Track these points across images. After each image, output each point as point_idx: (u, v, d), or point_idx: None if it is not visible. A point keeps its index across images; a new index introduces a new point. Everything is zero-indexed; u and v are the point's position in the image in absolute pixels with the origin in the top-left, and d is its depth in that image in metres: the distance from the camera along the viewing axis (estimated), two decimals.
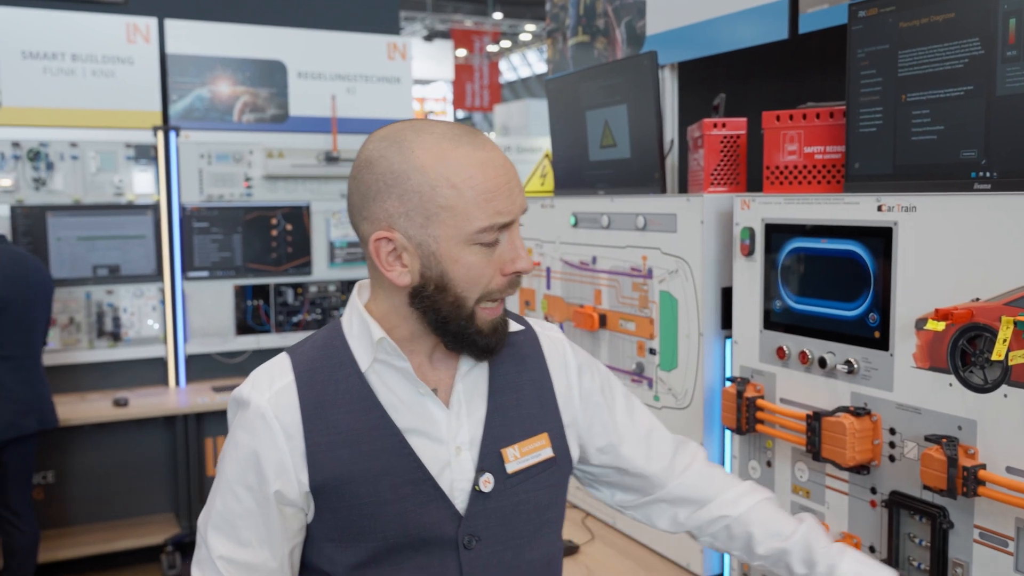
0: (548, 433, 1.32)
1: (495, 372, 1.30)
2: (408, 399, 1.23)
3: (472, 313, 1.18)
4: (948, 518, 1.50)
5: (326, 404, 1.20)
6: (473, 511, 1.23)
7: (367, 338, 1.22)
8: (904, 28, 1.60)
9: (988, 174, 1.49)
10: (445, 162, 1.14)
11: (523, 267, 1.18)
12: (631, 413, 1.46)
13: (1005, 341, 1.37)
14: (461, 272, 1.16)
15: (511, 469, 1.26)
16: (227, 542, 1.21)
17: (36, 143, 4.09)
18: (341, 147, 4.62)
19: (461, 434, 1.25)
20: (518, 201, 1.18)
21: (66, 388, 4.24)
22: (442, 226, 1.15)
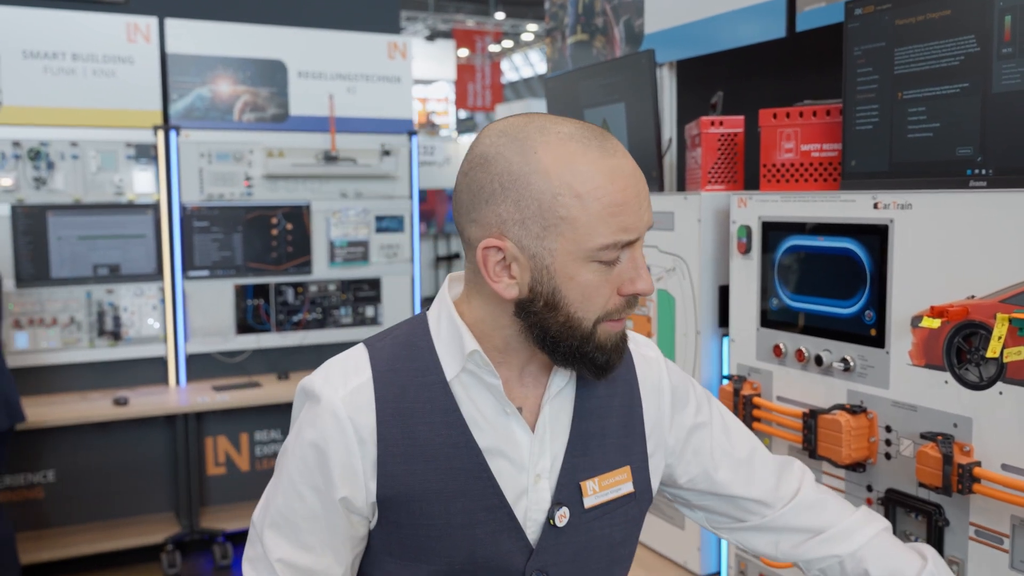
0: (631, 466, 1.21)
1: (583, 395, 1.18)
2: (492, 417, 1.12)
3: (591, 332, 1.07)
4: (944, 515, 1.50)
5: (404, 411, 1.10)
6: (545, 545, 1.14)
7: (457, 346, 1.11)
8: (900, 25, 1.60)
9: (984, 171, 1.49)
10: (571, 167, 1.02)
11: (643, 288, 1.06)
12: (728, 434, 1.31)
13: (1000, 338, 1.37)
14: (575, 290, 1.05)
15: (589, 504, 1.16)
16: (287, 544, 1.12)
17: (36, 142, 4.09)
18: (340, 146, 4.62)
19: (543, 461, 1.14)
20: (645, 217, 1.05)
21: (66, 387, 4.24)
22: (560, 239, 1.03)
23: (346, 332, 4.73)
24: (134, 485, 4.35)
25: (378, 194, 4.77)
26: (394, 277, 4.83)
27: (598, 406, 1.19)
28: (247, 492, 4.55)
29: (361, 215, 4.73)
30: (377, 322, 4.81)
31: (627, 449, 1.21)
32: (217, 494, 4.51)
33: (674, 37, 2.67)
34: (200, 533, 4.22)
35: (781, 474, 1.31)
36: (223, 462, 4.53)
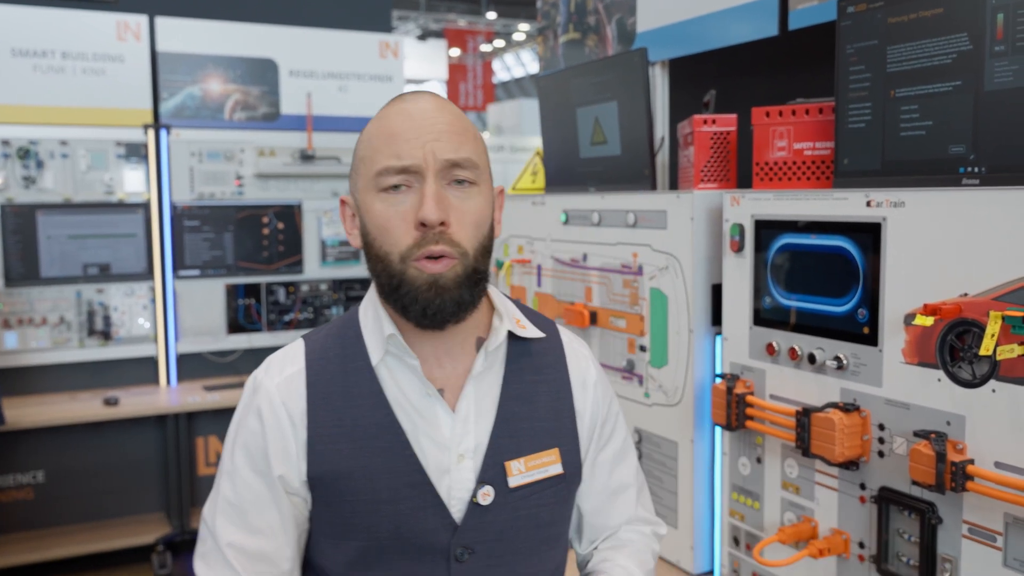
0: (560, 448, 1.26)
1: (510, 379, 1.25)
2: (416, 399, 1.20)
3: (401, 272, 1.13)
4: (937, 513, 1.50)
5: (333, 395, 1.19)
6: (469, 523, 1.19)
7: (379, 331, 1.20)
8: (892, 24, 1.60)
9: (976, 169, 1.49)
10: (375, 120, 1.18)
11: (423, 214, 1.10)
12: (616, 461, 1.39)
13: (993, 336, 1.37)
14: (373, 223, 1.15)
15: (514, 483, 1.21)
16: (236, 530, 1.18)
17: (26, 141, 4.07)
18: (329, 145, 4.60)
19: (466, 441, 1.20)
20: (429, 148, 1.12)
21: (56, 387, 4.22)
22: (360, 177, 1.17)
23: None
24: (124, 485, 4.33)
25: None
26: None
27: (525, 391, 1.25)
28: None
29: None
30: None
31: (555, 432, 1.26)
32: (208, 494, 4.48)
33: (666, 36, 2.66)
34: (191, 534, 4.20)
35: (625, 526, 1.42)
36: (214, 462, 4.51)
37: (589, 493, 1.36)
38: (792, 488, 1.81)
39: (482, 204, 1.17)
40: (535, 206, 2.66)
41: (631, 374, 2.25)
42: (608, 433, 1.37)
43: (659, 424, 2.17)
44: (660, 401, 2.16)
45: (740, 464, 1.95)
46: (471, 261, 1.15)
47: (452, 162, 1.13)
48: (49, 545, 3.99)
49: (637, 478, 1.42)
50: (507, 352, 1.27)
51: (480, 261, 1.17)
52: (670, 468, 2.14)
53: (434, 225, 1.11)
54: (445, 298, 1.13)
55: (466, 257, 1.14)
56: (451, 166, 1.13)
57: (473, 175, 1.16)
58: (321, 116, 4.63)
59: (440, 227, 1.11)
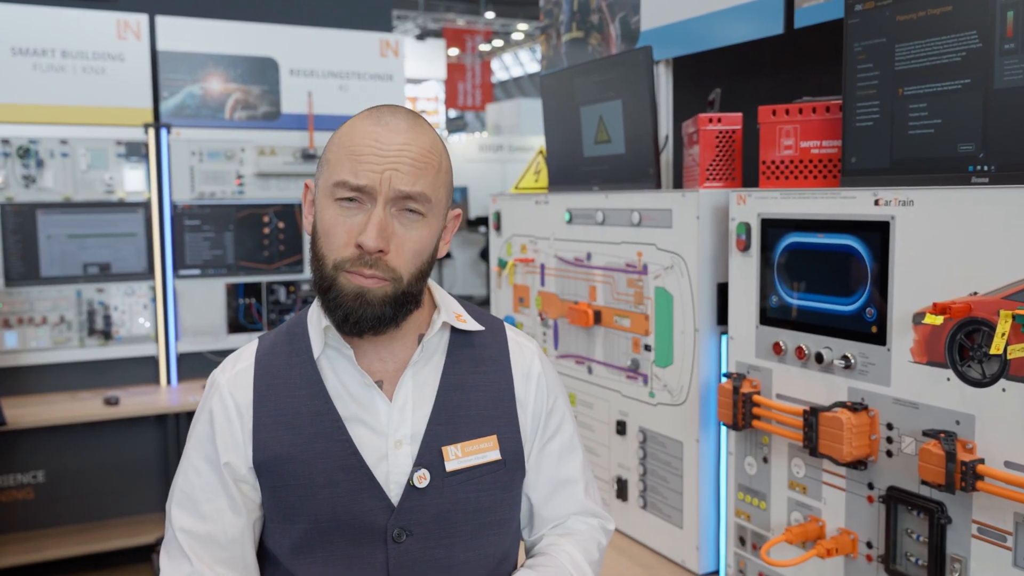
0: (498, 436, 1.32)
1: (449, 370, 1.32)
2: (354, 388, 1.28)
3: (333, 277, 1.20)
4: (946, 513, 1.50)
5: (278, 386, 1.28)
6: (406, 505, 1.25)
7: (319, 325, 1.28)
8: (901, 21, 1.60)
9: (986, 168, 1.48)
10: (348, 126, 1.24)
11: (363, 241, 1.17)
12: (564, 454, 1.43)
13: (1003, 335, 1.36)
14: (322, 224, 1.22)
15: (450, 468, 1.27)
16: (188, 516, 1.26)
17: (26, 140, 4.06)
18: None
19: (402, 428, 1.27)
20: (387, 176, 1.18)
21: (56, 387, 4.21)
22: (322, 176, 1.24)
23: None
24: (125, 485, 4.32)
25: None
26: None
27: (464, 381, 1.32)
28: None
29: None
30: None
31: (495, 420, 1.32)
32: None
33: (670, 34, 2.66)
34: None
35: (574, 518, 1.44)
36: None
37: (536, 484, 1.41)
38: (799, 488, 1.81)
39: (425, 235, 1.23)
40: (538, 205, 2.66)
41: (636, 373, 2.24)
42: (555, 426, 1.42)
43: (664, 424, 2.16)
44: (665, 401, 2.15)
45: (746, 464, 1.95)
46: (402, 286, 1.22)
47: (404, 194, 1.19)
48: (49, 545, 3.98)
49: (584, 474, 1.46)
50: (448, 344, 1.34)
51: (413, 285, 1.24)
52: (675, 468, 2.14)
53: (371, 252, 1.18)
54: (367, 311, 1.20)
55: (398, 282, 1.21)
56: (403, 197, 1.19)
57: (424, 208, 1.22)
58: (322, 115, 4.62)
59: (378, 253, 1.18)
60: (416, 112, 1.28)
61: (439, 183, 1.25)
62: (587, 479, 1.47)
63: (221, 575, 1.25)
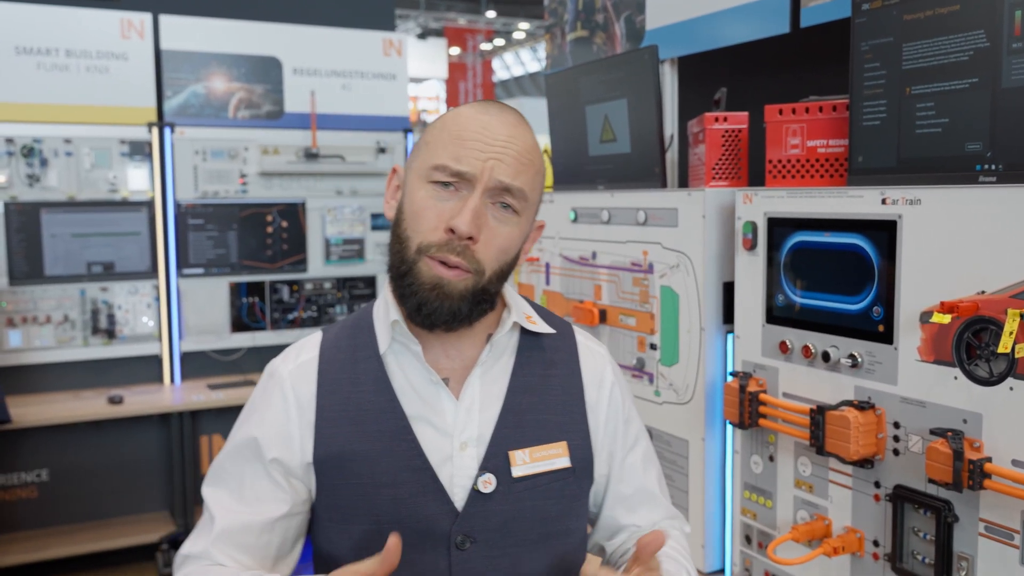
0: (568, 442, 1.26)
1: (519, 372, 1.27)
2: (420, 386, 1.23)
3: (414, 261, 1.16)
4: (953, 512, 1.50)
5: (343, 381, 1.23)
6: (471, 511, 1.20)
7: (387, 320, 1.23)
8: (908, 21, 1.60)
9: (993, 167, 1.48)
10: (454, 113, 1.20)
11: (456, 224, 1.12)
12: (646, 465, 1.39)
13: (1011, 334, 1.36)
14: (410, 206, 1.18)
15: (517, 473, 1.21)
16: (222, 495, 1.23)
17: (30, 139, 4.06)
18: (334, 144, 4.60)
19: (469, 429, 1.22)
20: (489, 164, 1.15)
21: (60, 386, 4.21)
22: (418, 159, 1.20)
23: None
24: (128, 484, 4.33)
25: (374, 191, 4.75)
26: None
27: (534, 383, 1.27)
28: None
29: (356, 212, 4.71)
30: None
31: (565, 426, 1.27)
32: None
33: (676, 33, 2.66)
34: None
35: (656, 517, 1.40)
36: None
37: (623, 494, 1.36)
38: (805, 486, 1.81)
39: (515, 233, 1.20)
40: (543, 204, 2.66)
41: (641, 372, 2.25)
42: (634, 436, 1.38)
43: (670, 422, 2.17)
44: (671, 399, 2.16)
45: (752, 462, 1.95)
46: (483, 280, 1.17)
47: (504, 186, 1.15)
48: (53, 544, 3.99)
49: (661, 482, 1.43)
50: (518, 345, 1.29)
51: (493, 283, 1.19)
52: (681, 466, 2.14)
53: (462, 237, 1.13)
54: (443, 304, 1.15)
55: (480, 275, 1.17)
56: (502, 189, 1.16)
57: (518, 205, 1.18)
58: (325, 114, 4.63)
59: (467, 241, 1.14)
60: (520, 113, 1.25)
61: (536, 185, 1.22)
62: (662, 486, 1.43)
63: (237, 560, 1.20)
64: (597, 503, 1.40)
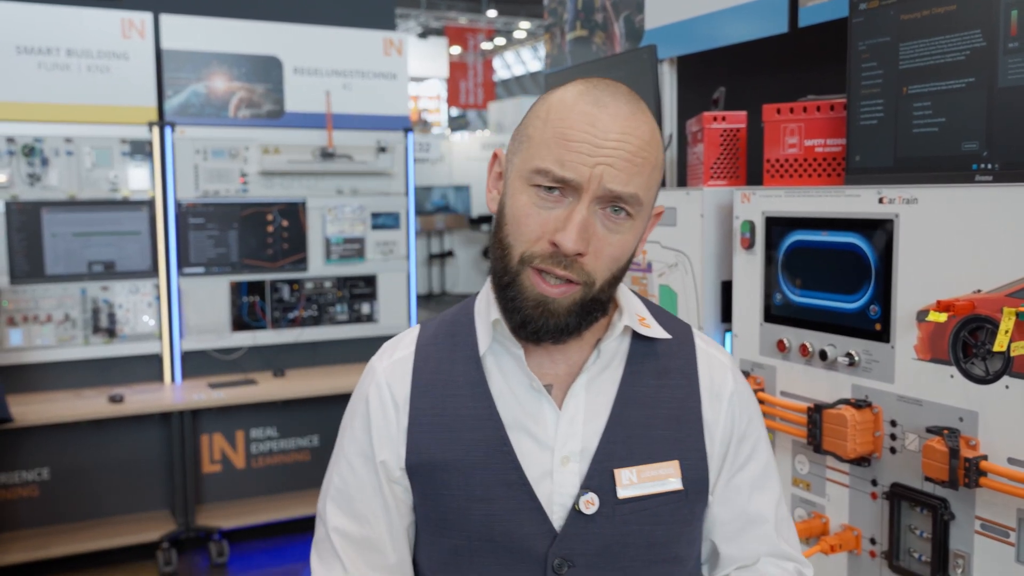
0: (680, 462, 1.12)
1: (628, 381, 1.13)
2: (520, 392, 1.12)
3: (517, 272, 1.05)
4: (949, 509, 1.51)
5: (438, 383, 1.14)
6: (570, 532, 1.08)
7: (488, 318, 1.13)
8: (905, 20, 1.61)
9: (989, 166, 1.49)
10: (559, 101, 1.06)
11: (561, 239, 1.00)
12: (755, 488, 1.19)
13: (1007, 332, 1.37)
14: (512, 210, 1.06)
15: (623, 494, 1.09)
16: (343, 516, 1.15)
17: (31, 138, 4.07)
18: (335, 143, 4.61)
19: (571, 442, 1.10)
20: (598, 172, 1.01)
21: (61, 385, 4.22)
22: (520, 155, 1.07)
23: (342, 329, 4.72)
24: (129, 483, 4.33)
25: (374, 191, 4.76)
26: (390, 274, 4.83)
27: (646, 394, 1.13)
28: (243, 490, 4.54)
29: (357, 212, 4.72)
30: (373, 319, 4.79)
31: (677, 444, 1.13)
32: (213, 492, 4.50)
33: (675, 33, 2.66)
34: (196, 531, 4.20)
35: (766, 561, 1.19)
36: (219, 460, 4.51)
37: (722, 519, 1.18)
38: (803, 484, 1.82)
39: (628, 240, 1.07)
40: None
41: None
42: (747, 455, 1.19)
43: None
44: None
45: None
46: (594, 291, 1.06)
47: (615, 195, 1.02)
48: (54, 542, 3.99)
49: (778, 511, 1.21)
50: (629, 352, 1.16)
51: (604, 292, 1.07)
52: None
53: (569, 254, 1.02)
54: (549, 321, 1.05)
55: (590, 288, 1.05)
56: (613, 198, 1.03)
57: (632, 210, 1.05)
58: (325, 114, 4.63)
59: (575, 256, 1.03)
60: (635, 94, 1.09)
61: (652, 183, 1.07)
62: (780, 516, 1.22)
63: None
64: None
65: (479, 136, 13.69)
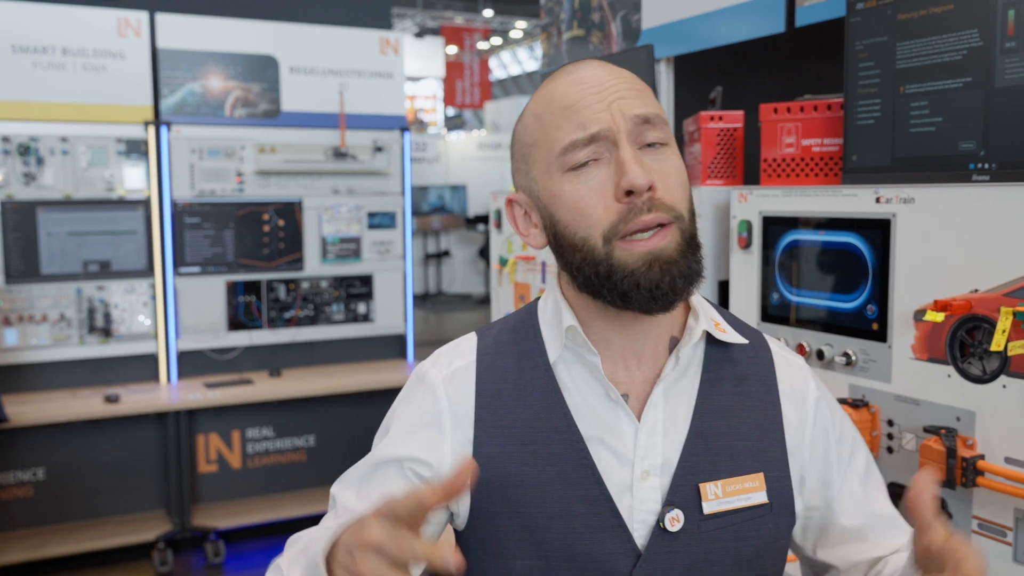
0: (765, 474, 1.06)
1: (707, 389, 1.07)
2: (595, 403, 1.05)
3: (608, 254, 0.98)
4: (946, 509, 1.51)
5: (505, 393, 1.07)
6: (655, 551, 1.01)
7: (559, 324, 1.06)
8: (902, 20, 1.61)
9: (987, 165, 1.49)
10: (536, 98, 1.04)
11: (631, 180, 0.95)
12: (867, 484, 1.14)
13: (1004, 332, 1.37)
14: (564, 210, 1.00)
15: (708, 510, 1.02)
16: (353, 497, 1.07)
17: (26, 137, 4.06)
18: (330, 142, 4.60)
19: (652, 455, 1.03)
20: (616, 108, 0.98)
21: (56, 384, 4.21)
22: (536, 165, 1.03)
23: (338, 329, 4.72)
24: (125, 483, 4.33)
25: (370, 190, 4.75)
26: (386, 273, 4.82)
27: (725, 403, 1.07)
28: (239, 490, 4.54)
29: (353, 211, 4.71)
30: (369, 319, 4.79)
31: (761, 455, 1.06)
32: (209, 492, 4.49)
33: (672, 33, 2.66)
34: (192, 531, 4.20)
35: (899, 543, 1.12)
36: (215, 459, 4.51)
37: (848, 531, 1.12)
38: None
39: (679, 165, 1.02)
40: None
41: None
42: (848, 450, 1.13)
43: None
44: None
45: None
46: (688, 225, 1.00)
47: (643, 118, 0.98)
48: (50, 542, 3.99)
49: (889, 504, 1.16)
50: (704, 358, 1.09)
51: (694, 226, 1.02)
52: None
53: (642, 191, 0.95)
54: (673, 272, 0.97)
55: (682, 220, 0.99)
56: (642, 122, 0.98)
57: (664, 134, 1.01)
58: (323, 113, 4.63)
59: (649, 192, 0.96)
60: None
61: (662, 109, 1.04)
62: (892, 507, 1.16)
63: None
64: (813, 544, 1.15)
65: (475, 136, 13.70)
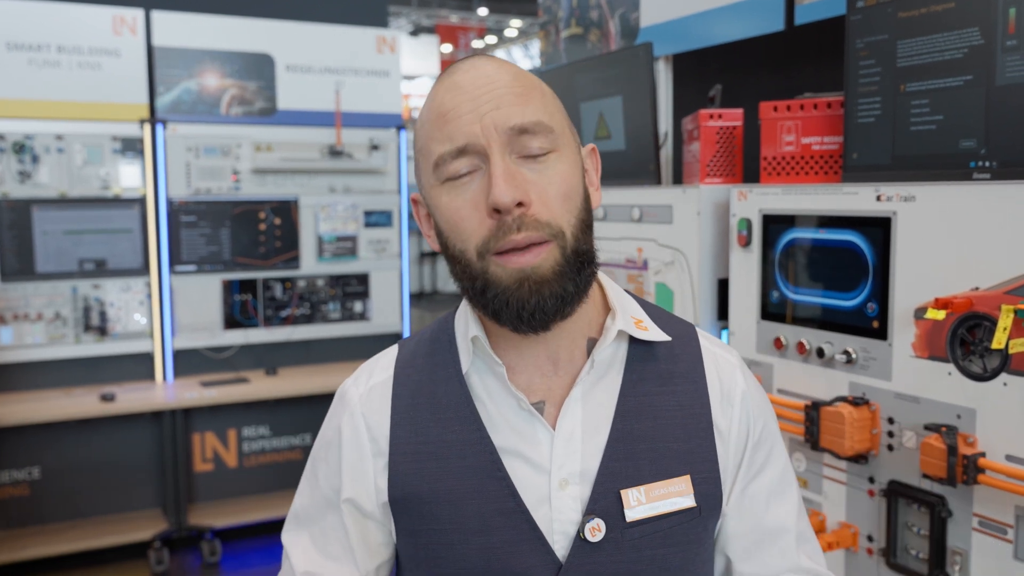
0: (692, 475, 1.01)
1: (628, 391, 1.02)
2: (509, 413, 1.01)
3: (484, 271, 0.94)
4: (947, 507, 1.51)
5: (420, 407, 1.03)
6: (576, 562, 0.97)
7: (467, 334, 1.03)
8: (903, 18, 1.61)
9: (987, 163, 1.49)
10: (426, 102, 1.00)
11: (494, 198, 0.90)
12: (773, 496, 1.08)
13: (1005, 329, 1.37)
14: (444, 220, 0.97)
15: (632, 517, 0.98)
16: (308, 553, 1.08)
17: (21, 136, 4.04)
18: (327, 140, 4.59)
19: (569, 464, 0.99)
20: (488, 120, 0.93)
21: (52, 383, 4.19)
22: (423, 172, 1.00)
23: (334, 327, 4.71)
24: (121, 482, 4.31)
25: (367, 189, 4.74)
26: (383, 272, 4.81)
27: (648, 404, 1.02)
28: (235, 489, 4.52)
29: (350, 210, 4.70)
30: (365, 317, 4.78)
31: (687, 456, 1.02)
32: (205, 491, 4.48)
33: (670, 31, 2.66)
34: (188, 530, 4.19)
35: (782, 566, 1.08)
36: (211, 458, 4.50)
37: (737, 533, 1.07)
38: (800, 482, 1.82)
39: (565, 171, 0.95)
40: None
41: None
42: (762, 460, 1.08)
43: None
44: None
45: None
46: (569, 241, 0.94)
47: (518, 128, 0.93)
48: (45, 542, 3.97)
49: (799, 522, 1.09)
50: (627, 358, 1.04)
51: (581, 240, 0.96)
52: None
53: (509, 209, 0.90)
54: (544, 294, 0.93)
55: (562, 237, 0.93)
56: (518, 133, 0.93)
57: (547, 141, 0.95)
58: (319, 111, 4.62)
59: (518, 209, 0.91)
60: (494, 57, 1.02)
61: (551, 107, 0.98)
62: (802, 528, 1.10)
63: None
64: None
65: None
